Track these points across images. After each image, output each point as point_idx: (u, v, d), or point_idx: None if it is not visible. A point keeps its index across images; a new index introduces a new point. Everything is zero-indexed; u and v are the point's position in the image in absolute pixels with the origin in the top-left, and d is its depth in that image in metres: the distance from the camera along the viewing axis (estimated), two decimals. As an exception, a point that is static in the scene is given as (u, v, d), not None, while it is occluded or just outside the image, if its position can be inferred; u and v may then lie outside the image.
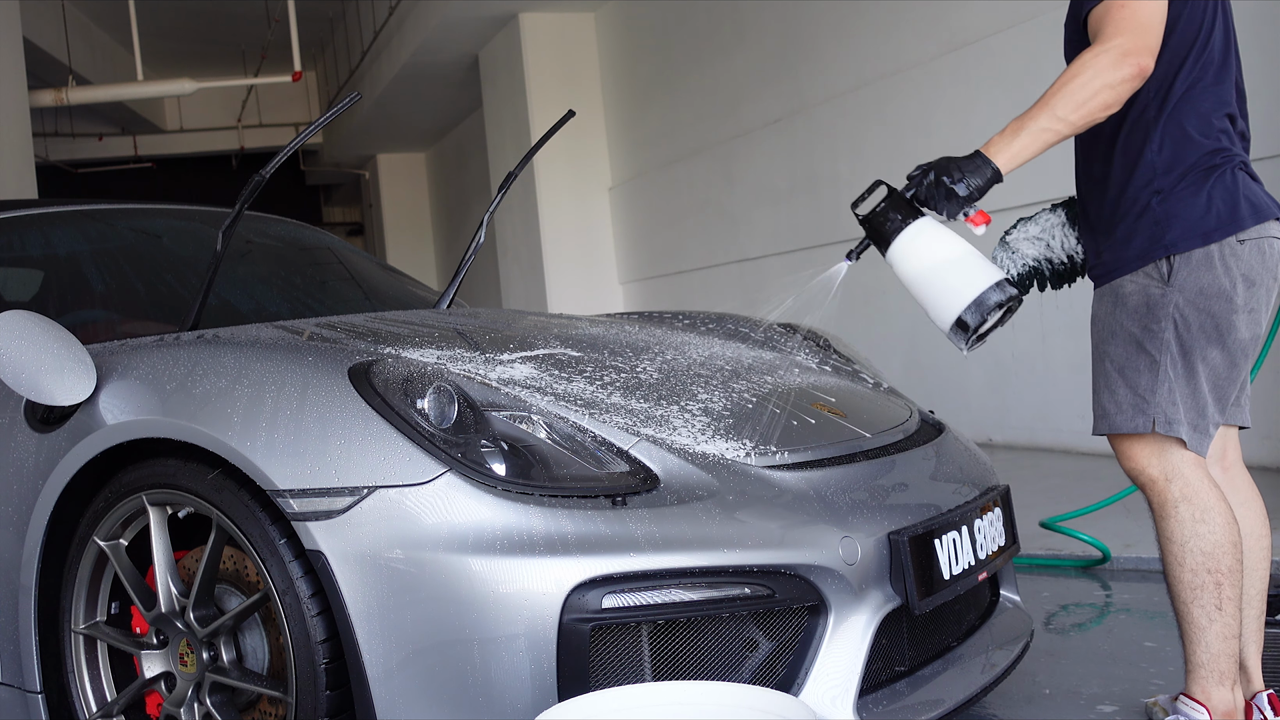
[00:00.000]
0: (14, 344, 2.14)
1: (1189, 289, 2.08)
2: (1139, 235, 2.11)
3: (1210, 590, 2.08)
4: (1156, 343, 2.09)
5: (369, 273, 3.62)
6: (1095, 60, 1.98)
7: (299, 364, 2.01)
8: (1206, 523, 2.08)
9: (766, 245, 8.67)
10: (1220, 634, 2.09)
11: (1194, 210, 2.08)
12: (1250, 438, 4.88)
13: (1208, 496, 2.09)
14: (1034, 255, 2.40)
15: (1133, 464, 2.16)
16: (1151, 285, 2.10)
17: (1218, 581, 2.08)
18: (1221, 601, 2.08)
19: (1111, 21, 1.99)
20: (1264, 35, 4.77)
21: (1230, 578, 2.08)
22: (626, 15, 10.59)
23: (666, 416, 2.15)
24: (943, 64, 6.62)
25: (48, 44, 12.42)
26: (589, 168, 11.14)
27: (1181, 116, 2.12)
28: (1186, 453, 2.11)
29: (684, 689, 1.75)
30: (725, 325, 3.15)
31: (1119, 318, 2.14)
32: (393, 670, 1.79)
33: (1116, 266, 2.15)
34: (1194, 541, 2.08)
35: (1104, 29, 2.00)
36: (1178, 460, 2.11)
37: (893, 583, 2.01)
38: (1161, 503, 2.12)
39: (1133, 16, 1.98)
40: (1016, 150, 2.01)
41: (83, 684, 2.20)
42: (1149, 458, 2.13)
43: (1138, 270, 2.11)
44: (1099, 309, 2.21)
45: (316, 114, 19.64)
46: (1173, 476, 2.11)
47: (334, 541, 1.82)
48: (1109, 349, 2.16)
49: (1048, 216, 2.42)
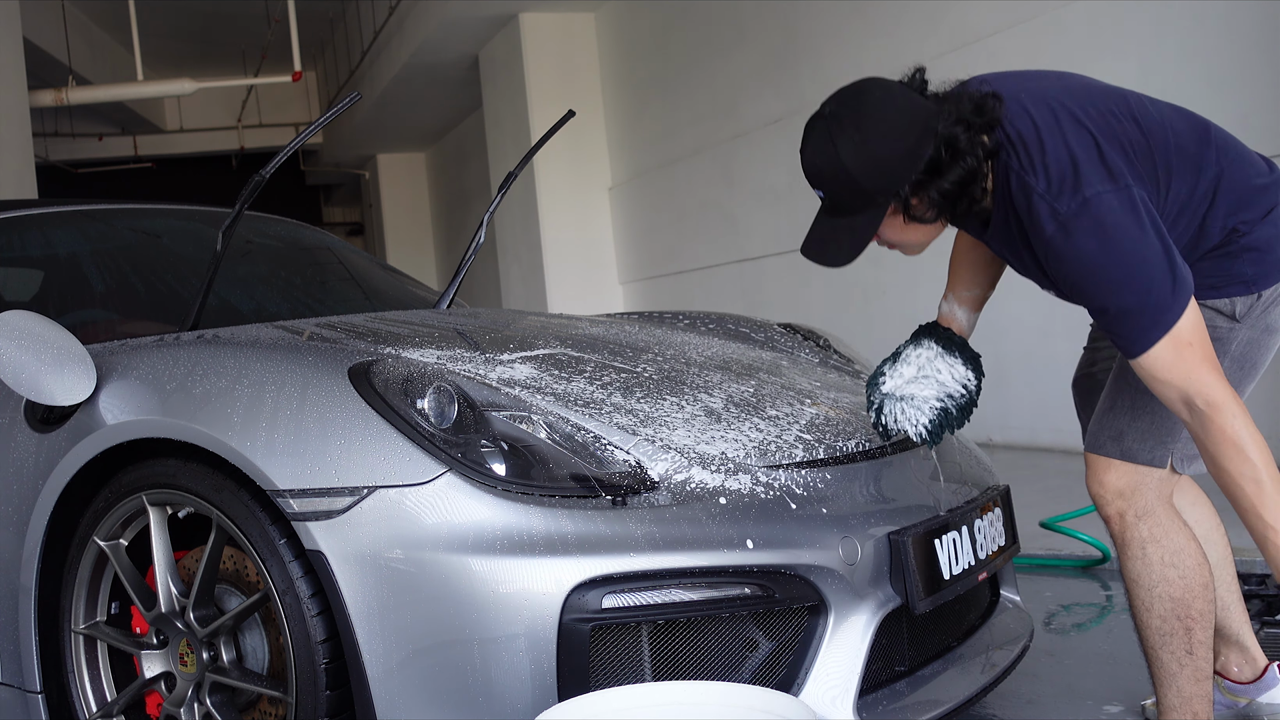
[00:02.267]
0: (14, 344, 2.14)
1: (1258, 326, 1.93)
2: (1208, 265, 1.91)
3: (1180, 636, 1.99)
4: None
5: (369, 273, 3.62)
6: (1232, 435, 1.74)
7: (299, 364, 2.01)
8: (1176, 567, 1.98)
9: (766, 245, 8.67)
10: (1192, 677, 2.01)
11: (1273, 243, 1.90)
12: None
13: (1178, 537, 1.99)
14: (933, 397, 2.12)
15: (1103, 490, 2.02)
16: (1218, 319, 1.92)
17: (1188, 627, 1.99)
18: (1192, 646, 1.99)
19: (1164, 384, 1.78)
20: (1264, 35, 4.77)
21: (1201, 621, 1.99)
22: (626, 15, 10.59)
23: (666, 416, 2.14)
24: (943, 64, 6.60)
25: (48, 44, 12.42)
26: (589, 168, 11.14)
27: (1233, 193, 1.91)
28: (1161, 490, 2.00)
29: (684, 689, 1.75)
30: (725, 325, 3.15)
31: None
32: (393, 670, 1.79)
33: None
34: (1162, 587, 1.98)
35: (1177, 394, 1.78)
36: (1151, 497, 2.00)
37: (893, 583, 2.01)
38: (1127, 541, 2.01)
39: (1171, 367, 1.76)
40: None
41: (83, 684, 2.20)
42: (1122, 488, 2.00)
43: (1204, 302, 1.91)
44: None
45: (316, 114, 19.63)
46: (1143, 514, 2.00)
47: (334, 541, 1.82)
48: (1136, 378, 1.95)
49: (918, 351, 2.13)
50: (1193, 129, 1.92)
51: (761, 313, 4.82)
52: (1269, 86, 4.75)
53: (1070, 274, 1.80)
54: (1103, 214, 1.76)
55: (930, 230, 1.90)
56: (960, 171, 1.80)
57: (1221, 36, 4.95)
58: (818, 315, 7.11)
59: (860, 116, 1.81)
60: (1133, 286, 1.75)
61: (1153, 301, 1.75)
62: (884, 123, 1.79)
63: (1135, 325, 1.77)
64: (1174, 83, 5.17)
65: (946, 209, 1.85)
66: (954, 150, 1.79)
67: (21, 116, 9.63)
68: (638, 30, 10.45)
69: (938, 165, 1.79)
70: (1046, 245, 1.80)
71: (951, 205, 1.84)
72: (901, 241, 1.92)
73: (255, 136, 19.05)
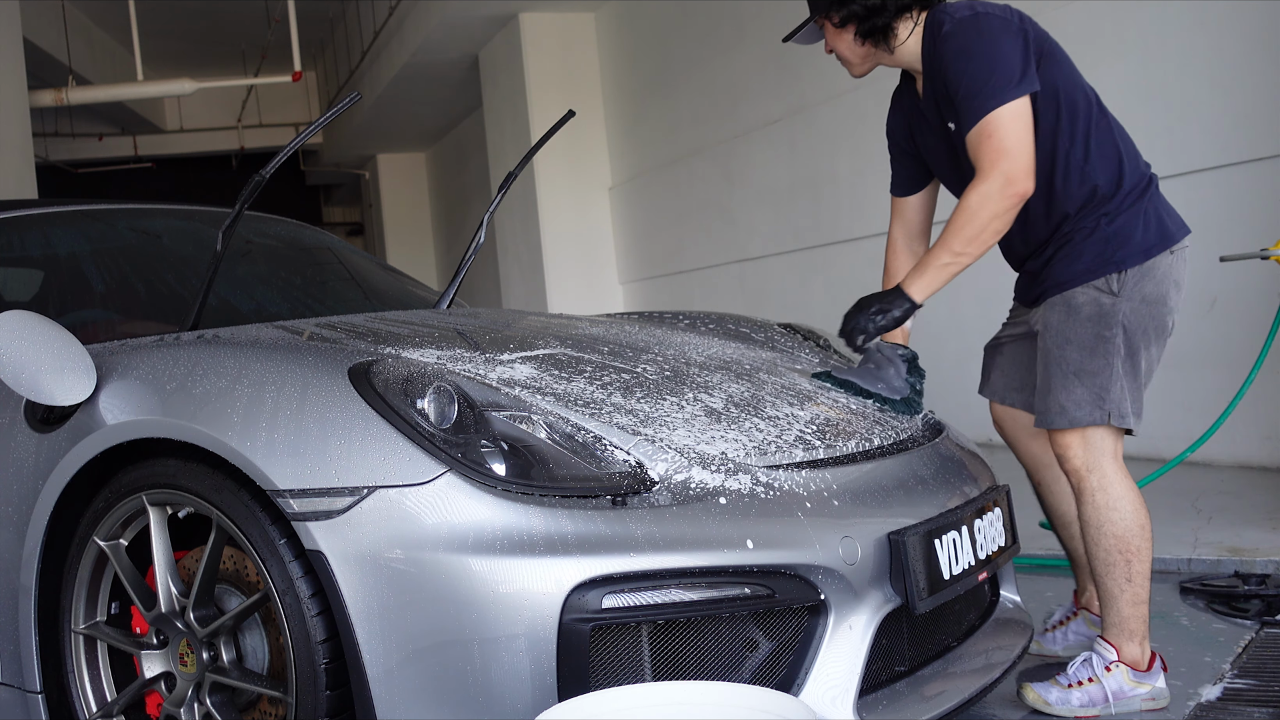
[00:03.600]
0: (14, 344, 2.14)
1: (1134, 298, 2.40)
2: (1087, 253, 2.42)
3: (1120, 566, 2.41)
4: (1109, 347, 2.39)
5: (369, 273, 3.62)
6: (979, 200, 2.32)
7: (299, 364, 2.01)
8: (1118, 510, 2.40)
9: (766, 245, 8.67)
10: (1130, 600, 2.42)
11: (1137, 227, 2.42)
12: (1250, 438, 4.89)
13: (1119, 486, 2.41)
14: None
15: (1061, 449, 2.45)
16: (1102, 296, 2.40)
17: (1128, 560, 2.41)
18: (1131, 574, 2.41)
19: (986, 153, 2.33)
20: (1264, 35, 4.77)
21: (1139, 555, 2.41)
22: (626, 15, 10.59)
23: (666, 416, 2.15)
24: (943, 64, 6.62)
25: (48, 44, 12.42)
26: (589, 168, 11.13)
27: (1106, 153, 2.44)
28: (1107, 448, 2.42)
29: (684, 689, 1.74)
30: (725, 325, 3.15)
31: (1073, 325, 2.42)
32: (393, 670, 1.79)
33: (1067, 280, 2.44)
34: (1107, 525, 2.41)
35: (980, 160, 2.34)
36: (1098, 454, 2.41)
37: (893, 583, 2.01)
38: (1081, 490, 2.43)
39: (1002, 145, 2.31)
40: (926, 284, 2.40)
41: (83, 684, 2.20)
42: (1077, 449, 2.42)
43: (1087, 284, 2.41)
44: (1051, 317, 2.46)
45: (316, 114, 19.63)
46: (1093, 468, 2.41)
47: (334, 541, 1.82)
48: (1065, 353, 2.42)
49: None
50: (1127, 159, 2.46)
51: (761, 313, 4.82)
52: (1269, 86, 4.75)
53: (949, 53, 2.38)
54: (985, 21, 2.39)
55: (852, 46, 2.52)
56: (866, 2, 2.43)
57: (1222, 36, 4.95)
58: (818, 315, 7.11)
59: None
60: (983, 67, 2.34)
61: (996, 81, 2.32)
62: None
63: (977, 96, 2.33)
64: (1174, 82, 5.17)
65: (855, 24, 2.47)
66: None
67: (21, 116, 9.63)
68: (638, 30, 10.45)
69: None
70: (945, 34, 2.39)
71: (859, 22, 2.46)
72: (837, 49, 2.55)
73: (255, 136, 19.05)
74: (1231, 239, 4.79)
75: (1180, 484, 4.54)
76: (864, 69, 2.57)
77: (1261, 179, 4.81)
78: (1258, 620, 3.01)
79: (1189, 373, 5.21)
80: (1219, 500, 4.31)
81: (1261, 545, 3.59)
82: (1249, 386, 3.78)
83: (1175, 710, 2.44)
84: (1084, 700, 2.42)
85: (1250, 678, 2.61)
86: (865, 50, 2.52)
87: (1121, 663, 2.43)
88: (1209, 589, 3.28)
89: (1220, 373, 4.94)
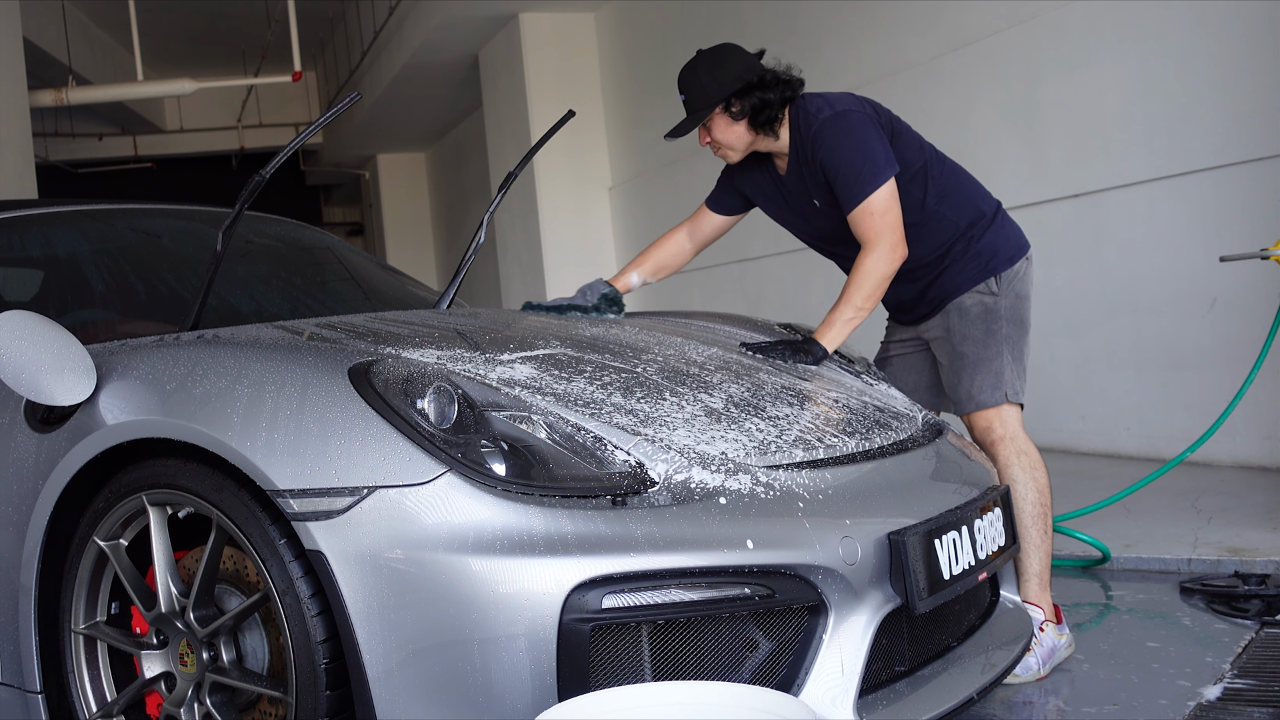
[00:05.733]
0: (14, 344, 2.14)
1: (1009, 295, 2.88)
2: (967, 267, 2.88)
3: (1041, 519, 2.82)
4: (998, 337, 2.86)
5: (369, 273, 3.62)
6: (874, 265, 2.74)
7: (299, 364, 2.01)
8: (1039, 469, 2.84)
9: (766, 245, 8.67)
10: (1045, 552, 2.81)
11: (1000, 242, 2.91)
12: (1250, 438, 4.89)
13: (1035, 452, 2.86)
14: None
15: (984, 425, 2.87)
16: (985, 297, 2.88)
17: (1045, 512, 2.82)
18: (1047, 527, 2.82)
19: (870, 229, 2.75)
20: (1264, 35, 4.77)
21: (1049, 511, 2.84)
22: (626, 15, 10.59)
23: (666, 416, 2.14)
24: (943, 64, 6.62)
25: (48, 44, 12.41)
26: (589, 168, 11.13)
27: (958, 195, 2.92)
28: (1017, 419, 2.87)
29: (684, 689, 1.74)
30: (725, 325, 3.15)
31: (967, 324, 2.87)
32: (393, 670, 1.79)
33: (954, 289, 2.89)
34: (1032, 483, 2.81)
35: (866, 234, 2.76)
36: (1014, 425, 2.86)
37: (893, 583, 2.01)
38: (1007, 455, 2.84)
39: (882, 221, 2.75)
40: (835, 335, 2.79)
41: (83, 684, 2.20)
42: (995, 425, 2.85)
43: (971, 290, 2.88)
44: (949, 322, 2.90)
45: (316, 114, 19.63)
46: (1014, 436, 2.85)
47: (334, 541, 1.82)
48: (965, 349, 2.87)
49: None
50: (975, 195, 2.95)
51: (761, 313, 4.82)
52: (1270, 86, 4.75)
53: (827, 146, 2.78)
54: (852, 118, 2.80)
55: (742, 135, 2.87)
56: (764, 95, 2.80)
57: (1222, 36, 4.95)
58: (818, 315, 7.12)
59: (718, 54, 2.88)
60: (859, 160, 2.75)
61: (868, 171, 2.74)
62: (730, 60, 2.85)
63: (857, 183, 2.75)
64: (1174, 82, 5.17)
65: (750, 116, 2.82)
66: (763, 82, 2.81)
67: (21, 116, 9.62)
68: (638, 30, 10.45)
69: (751, 86, 2.81)
70: (820, 128, 2.79)
71: (754, 114, 2.82)
72: (722, 139, 2.89)
73: (255, 136, 19.05)
74: (1231, 239, 4.79)
75: (1180, 484, 4.54)
76: (742, 155, 2.94)
77: (1261, 179, 4.81)
78: (1258, 620, 3.01)
79: (1189, 373, 5.21)
80: (1219, 500, 4.31)
81: (1261, 545, 3.59)
82: (1249, 386, 3.78)
83: (1174, 710, 2.44)
84: (1038, 662, 2.69)
85: (1250, 678, 2.61)
86: (750, 138, 2.88)
87: (1048, 620, 2.75)
88: (1209, 589, 3.28)
89: (1220, 373, 4.94)
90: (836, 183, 2.78)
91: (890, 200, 2.75)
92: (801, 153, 2.87)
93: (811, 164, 2.85)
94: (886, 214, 2.74)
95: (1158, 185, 5.32)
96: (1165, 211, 5.31)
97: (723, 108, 2.83)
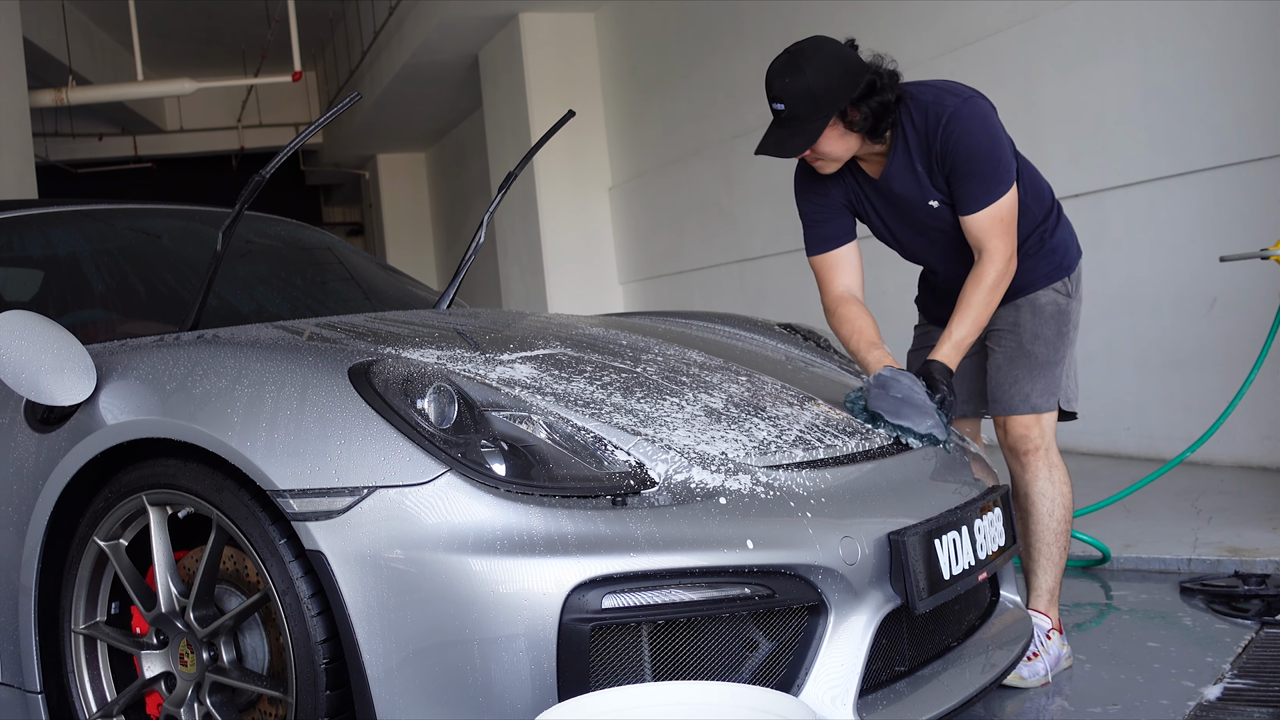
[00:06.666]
0: (14, 344, 2.14)
1: (1079, 297, 2.75)
2: (1041, 263, 2.69)
3: (1063, 535, 2.72)
4: (1065, 341, 2.71)
5: (369, 273, 3.62)
6: (998, 276, 2.52)
7: (299, 364, 2.01)
8: (1067, 485, 2.72)
9: (766, 245, 8.67)
10: (1062, 567, 2.74)
11: (1069, 238, 2.76)
12: (1250, 438, 4.89)
13: (1063, 465, 2.73)
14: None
15: (1024, 432, 2.69)
16: (1060, 297, 2.70)
17: (1067, 530, 2.73)
18: (1066, 544, 2.73)
19: (996, 235, 2.51)
20: (1264, 35, 4.76)
21: (1070, 526, 2.74)
22: (626, 15, 10.59)
23: (666, 416, 2.14)
24: (943, 64, 6.62)
25: (48, 44, 12.41)
26: (589, 168, 11.13)
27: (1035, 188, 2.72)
28: (1053, 429, 2.71)
29: (684, 689, 1.74)
30: (725, 325, 3.15)
31: (1040, 323, 2.69)
32: (393, 670, 1.79)
33: (1029, 284, 2.68)
34: (1061, 498, 2.70)
35: (989, 241, 2.52)
36: (1051, 435, 2.72)
37: (893, 583, 2.01)
38: (1038, 466, 2.69)
39: (1009, 229, 2.52)
40: (954, 355, 2.54)
41: (83, 684, 2.20)
42: (1034, 432, 2.69)
43: (1047, 286, 2.69)
44: (1020, 318, 2.70)
45: (316, 114, 19.63)
46: (1049, 447, 2.71)
47: (334, 541, 1.82)
48: (1035, 348, 2.68)
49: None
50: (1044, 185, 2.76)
51: (761, 313, 4.82)
52: (1270, 86, 4.75)
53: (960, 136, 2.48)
54: (983, 105, 2.53)
55: (853, 146, 2.55)
56: (884, 98, 2.48)
57: (1222, 36, 4.94)
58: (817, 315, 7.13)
59: (820, 52, 2.51)
60: (995, 154, 2.49)
61: (1003, 167, 2.51)
62: (835, 57, 2.50)
63: (991, 181, 2.49)
64: (1174, 82, 5.17)
65: (871, 124, 2.49)
66: (880, 85, 2.49)
67: (21, 116, 9.62)
68: (638, 30, 10.45)
69: (871, 89, 2.47)
70: (951, 117, 2.48)
71: (876, 121, 2.49)
72: (829, 151, 2.54)
73: (255, 136, 19.05)
74: (1231, 239, 4.79)
75: (1180, 484, 4.54)
76: (839, 165, 2.60)
77: (1261, 179, 4.81)
78: (1258, 620, 3.01)
79: (1189, 373, 5.21)
80: (1219, 500, 4.31)
81: (1261, 545, 3.59)
82: (1249, 386, 3.78)
83: (1175, 710, 2.44)
84: (1045, 668, 2.65)
85: (1250, 678, 2.61)
86: (859, 146, 2.56)
87: (1054, 629, 2.72)
88: (1209, 589, 3.28)
89: (1220, 373, 4.94)
90: (968, 179, 2.48)
91: (1016, 207, 2.53)
92: (921, 146, 2.53)
93: (935, 157, 2.52)
94: (1013, 222, 2.52)
95: (1158, 185, 5.32)
96: (1165, 211, 5.31)
97: (838, 118, 2.48)
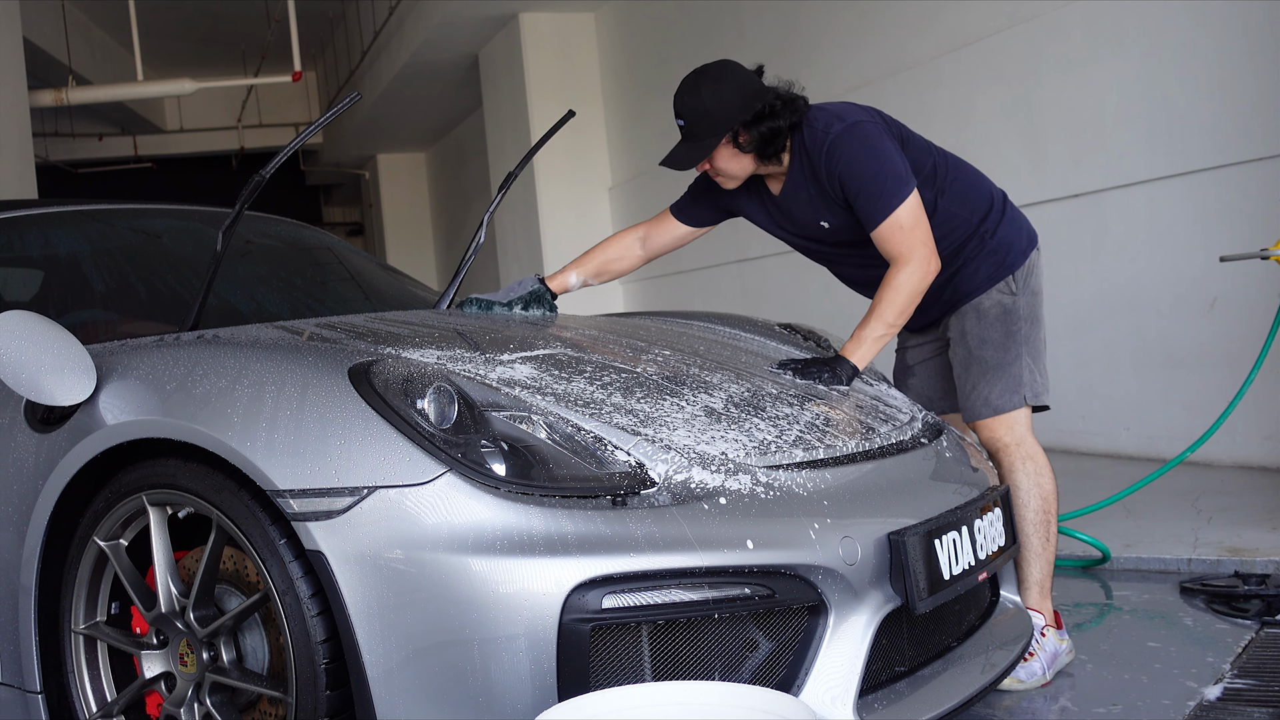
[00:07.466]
0: (14, 344, 2.14)
1: (1026, 292, 2.78)
2: (983, 266, 2.76)
3: (1044, 526, 2.73)
4: (1014, 340, 2.75)
5: (369, 273, 3.62)
6: (907, 280, 2.60)
7: (299, 364, 2.01)
8: (1044, 475, 2.74)
9: (766, 245, 8.66)
10: (1048, 560, 2.74)
11: (1013, 236, 2.79)
12: (1250, 438, 4.89)
13: (1042, 457, 2.77)
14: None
15: (991, 434, 2.76)
16: (1004, 297, 2.76)
17: (1048, 520, 2.74)
18: (1049, 535, 2.74)
19: (899, 243, 2.60)
20: (1264, 35, 4.76)
21: (1054, 518, 2.75)
22: (626, 15, 10.59)
23: (666, 416, 2.14)
24: (942, 64, 6.62)
25: (48, 44, 12.41)
26: (589, 168, 11.13)
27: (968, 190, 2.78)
28: (1027, 422, 2.76)
29: (684, 689, 1.74)
30: (725, 325, 3.15)
31: (985, 327, 2.76)
32: (393, 670, 1.79)
33: (972, 290, 2.77)
34: (1038, 489, 2.72)
35: (895, 249, 2.61)
36: (1023, 429, 2.75)
37: (893, 583, 2.01)
38: (1012, 461, 2.74)
39: (912, 235, 2.60)
40: (866, 353, 2.64)
41: (83, 684, 2.20)
42: (1004, 430, 2.75)
43: (990, 289, 2.76)
44: (966, 324, 2.79)
45: (316, 114, 19.63)
46: (1021, 441, 2.75)
47: (334, 542, 1.82)
48: (983, 353, 2.76)
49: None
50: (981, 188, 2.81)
51: (761, 313, 4.82)
52: (1270, 86, 4.75)
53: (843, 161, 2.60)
54: (865, 129, 2.64)
55: (746, 166, 2.68)
56: (774, 123, 2.61)
57: (1222, 36, 4.95)
58: (818, 315, 7.13)
59: (721, 75, 2.64)
60: (881, 171, 2.59)
61: (892, 181, 2.58)
62: (734, 81, 2.63)
63: (882, 196, 2.58)
64: (1174, 82, 5.17)
65: (759, 146, 2.63)
66: (773, 110, 2.61)
67: (21, 116, 9.62)
68: (638, 30, 10.45)
69: (763, 114, 2.60)
70: (832, 144, 2.61)
71: (764, 144, 2.62)
72: (725, 169, 2.69)
73: (255, 136, 19.04)
74: (1231, 239, 4.79)
75: (1180, 484, 4.54)
76: (740, 182, 2.76)
77: (1261, 179, 4.81)
78: (1258, 620, 3.01)
79: (1189, 373, 5.21)
80: (1219, 500, 4.31)
81: (1261, 545, 3.59)
82: (1249, 386, 3.78)
83: (1175, 710, 2.44)
84: (1041, 667, 2.64)
85: (1250, 678, 2.61)
86: (754, 167, 2.71)
87: (1048, 625, 2.70)
88: (1209, 589, 3.28)
89: (1220, 373, 4.94)
90: (859, 199, 2.61)
91: (918, 212, 2.60)
92: (810, 172, 2.68)
93: (823, 182, 2.66)
94: (916, 227, 2.59)
95: (1158, 185, 5.32)
96: (1165, 211, 5.31)
97: (729, 139, 2.62)
